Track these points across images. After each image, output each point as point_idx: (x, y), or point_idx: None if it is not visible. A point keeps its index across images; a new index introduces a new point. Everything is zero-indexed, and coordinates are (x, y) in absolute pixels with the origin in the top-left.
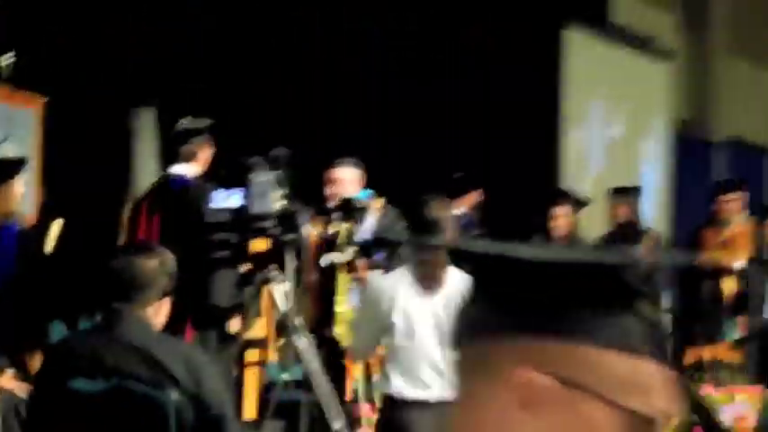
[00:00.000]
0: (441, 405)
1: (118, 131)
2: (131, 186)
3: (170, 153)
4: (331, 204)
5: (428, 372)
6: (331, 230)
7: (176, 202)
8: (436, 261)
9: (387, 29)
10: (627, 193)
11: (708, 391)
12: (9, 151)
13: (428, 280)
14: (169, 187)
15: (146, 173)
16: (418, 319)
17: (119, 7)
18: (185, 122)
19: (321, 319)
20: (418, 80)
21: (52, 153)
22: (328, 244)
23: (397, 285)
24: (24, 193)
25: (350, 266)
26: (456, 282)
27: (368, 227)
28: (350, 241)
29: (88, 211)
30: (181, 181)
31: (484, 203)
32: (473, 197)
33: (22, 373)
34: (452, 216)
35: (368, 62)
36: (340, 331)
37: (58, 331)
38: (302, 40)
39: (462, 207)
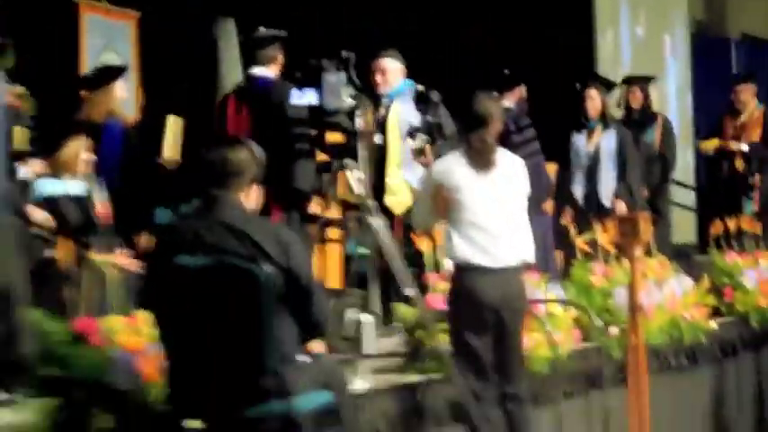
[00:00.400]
0: (503, 270)
1: (204, 40)
2: (219, 88)
3: (250, 57)
4: (381, 91)
5: (488, 240)
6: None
7: (261, 99)
8: (488, 147)
9: None
10: (639, 81)
11: (734, 258)
12: (110, 60)
13: (481, 163)
14: (253, 86)
15: (230, 76)
16: (476, 194)
17: None
18: (263, 30)
19: (375, 188)
20: None
21: (148, 61)
22: (380, 125)
23: (454, 166)
24: (126, 97)
25: (420, 152)
26: (507, 163)
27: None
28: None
29: (182, 111)
30: (263, 81)
31: (529, 98)
32: (519, 92)
33: (133, 252)
34: (500, 108)
35: None
36: (390, 201)
37: (162, 216)
38: None
39: (510, 101)
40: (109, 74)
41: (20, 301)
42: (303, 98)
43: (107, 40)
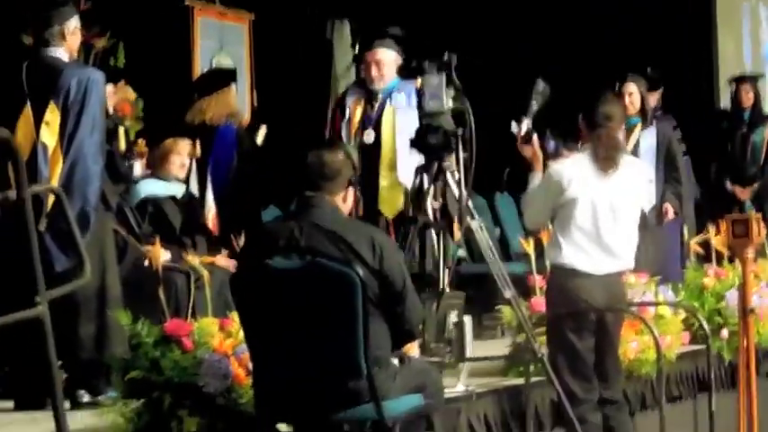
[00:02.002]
0: (607, 277)
1: (317, 41)
2: (332, 90)
3: None
4: (376, 86)
5: (594, 248)
6: None
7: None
8: (615, 144)
9: None
10: (749, 80)
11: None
12: (223, 62)
13: (606, 162)
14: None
15: (344, 77)
16: (593, 200)
17: None
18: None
19: (366, 191)
20: None
21: (261, 63)
22: (374, 123)
23: (577, 167)
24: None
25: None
26: (630, 168)
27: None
28: None
29: (294, 112)
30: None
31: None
32: (660, 93)
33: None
34: (622, 110)
35: None
36: (383, 206)
37: (271, 216)
38: None
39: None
40: (223, 77)
41: (112, 302)
42: (404, 100)
43: (221, 43)
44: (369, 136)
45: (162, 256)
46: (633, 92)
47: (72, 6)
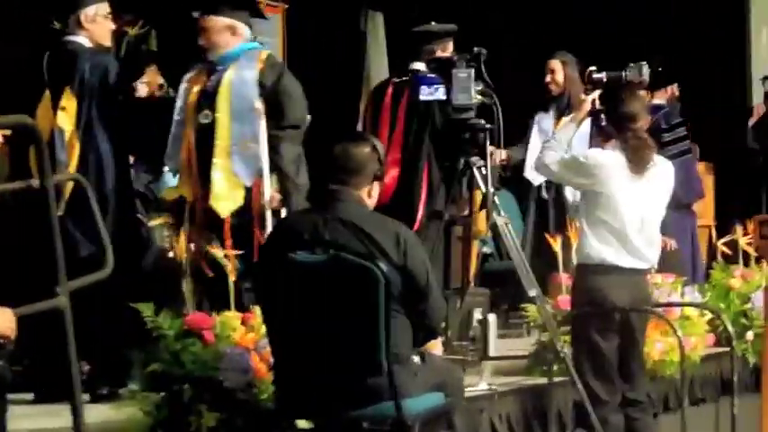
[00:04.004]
0: (633, 272)
1: (351, 33)
2: (365, 81)
3: (412, 51)
4: (209, 56)
5: (622, 243)
6: None
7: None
8: (644, 144)
9: None
10: None
11: None
12: None
13: (639, 162)
14: (415, 81)
15: (377, 70)
16: (624, 198)
17: None
18: (435, 25)
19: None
20: None
21: (294, 53)
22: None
23: (614, 162)
24: None
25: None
26: (660, 166)
27: (251, 78)
28: None
29: (327, 103)
30: (425, 78)
31: (681, 96)
32: (671, 90)
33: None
34: (645, 104)
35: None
36: (215, 202)
37: None
38: None
39: (662, 98)
40: None
41: (129, 297)
42: (434, 94)
43: (254, 32)
44: (205, 116)
45: (185, 248)
46: (556, 69)
47: None
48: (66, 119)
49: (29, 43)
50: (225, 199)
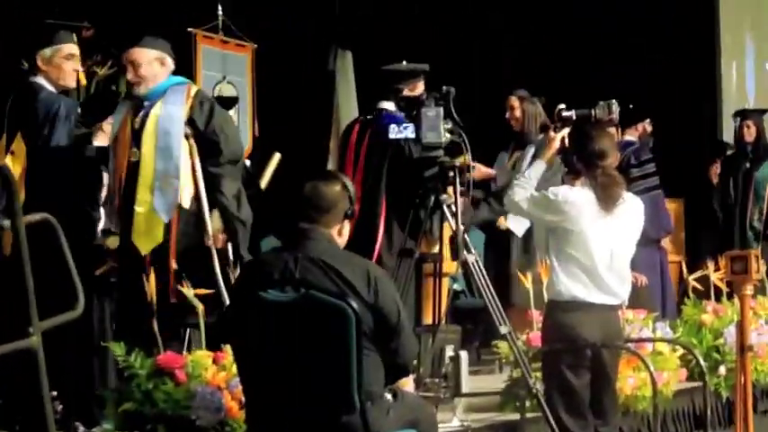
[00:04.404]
0: (603, 308)
1: (320, 72)
2: (334, 120)
3: (382, 90)
4: (136, 91)
5: (592, 279)
6: None
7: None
8: (614, 181)
9: None
10: (753, 115)
11: None
12: (225, 92)
13: (608, 199)
14: (379, 120)
15: (346, 108)
16: (595, 234)
17: None
18: (405, 64)
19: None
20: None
21: (263, 93)
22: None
23: (583, 199)
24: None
25: None
26: (631, 205)
27: (177, 113)
28: None
29: (296, 142)
30: (389, 116)
31: (654, 132)
32: (643, 126)
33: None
34: (614, 141)
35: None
36: (137, 238)
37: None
38: None
39: (633, 135)
40: (222, 106)
41: (101, 336)
42: (403, 132)
43: (223, 72)
44: (134, 155)
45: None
46: (515, 106)
47: (57, 34)
48: (13, 163)
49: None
50: (145, 236)
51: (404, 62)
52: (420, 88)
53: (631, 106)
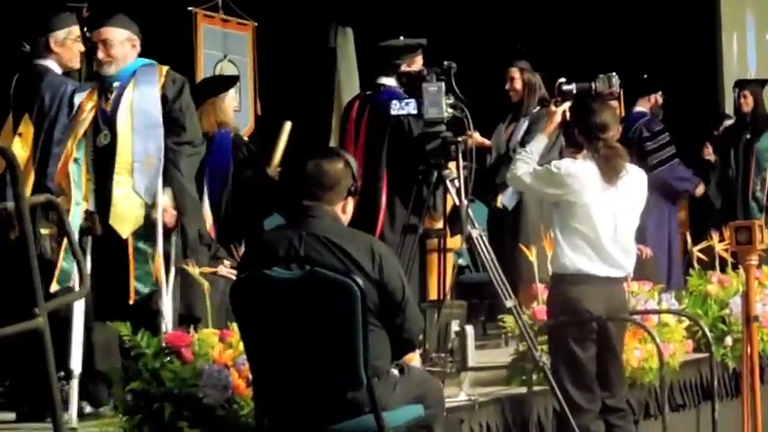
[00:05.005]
0: (608, 281)
1: (321, 50)
2: (336, 97)
3: (380, 66)
4: (105, 71)
5: (596, 251)
6: None
7: (384, 109)
8: (616, 153)
9: None
10: (750, 85)
11: None
12: (227, 70)
13: (611, 171)
14: (378, 96)
15: (348, 85)
16: (598, 206)
17: None
18: (402, 39)
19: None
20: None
21: (264, 71)
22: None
23: (586, 172)
24: (237, 107)
25: None
26: (632, 174)
27: (154, 93)
28: None
29: (298, 120)
30: (388, 92)
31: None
32: (655, 98)
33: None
34: (616, 113)
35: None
36: (116, 221)
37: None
38: None
39: (645, 106)
40: (218, 84)
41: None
42: (405, 108)
43: (224, 51)
44: (104, 137)
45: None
46: (515, 77)
47: (67, 16)
48: (21, 145)
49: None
50: (125, 219)
51: (401, 37)
52: (418, 63)
53: (645, 76)
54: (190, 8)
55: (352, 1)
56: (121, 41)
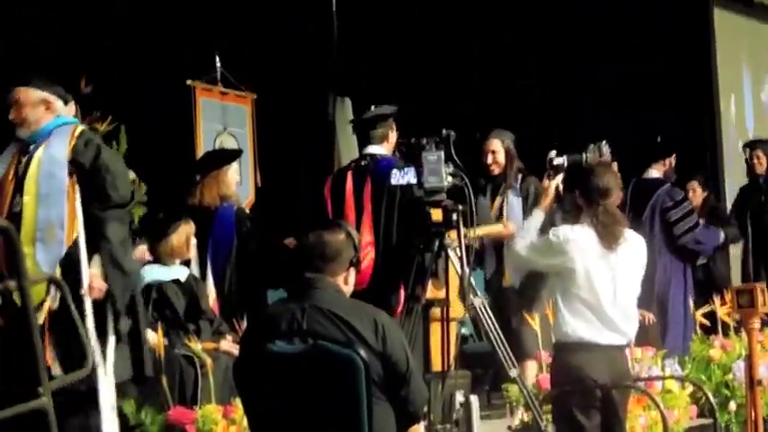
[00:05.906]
0: (611, 348)
1: (320, 120)
2: (336, 168)
3: (363, 136)
4: (21, 133)
5: (598, 318)
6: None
7: (382, 177)
8: (616, 220)
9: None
10: (763, 145)
11: None
12: (226, 143)
13: (610, 237)
14: (374, 165)
15: (347, 155)
16: (598, 272)
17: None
18: (374, 109)
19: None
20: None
21: (264, 143)
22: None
23: (580, 236)
24: (239, 180)
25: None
26: (634, 243)
27: (60, 154)
28: None
29: (298, 191)
30: (384, 160)
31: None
32: (669, 162)
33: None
34: (618, 179)
35: (528, 44)
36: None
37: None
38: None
39: (659, 171)
40: (221, 158)
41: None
42: (404, 177)
43: (224, 124)
44: (17, 204)
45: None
46: (497, 150)
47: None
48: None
49: None
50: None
51: (372, 107)
52: (394, 132)
53: (659, 139)
54: (188, 81)
55: (350, 71)
56: (33, 103)
